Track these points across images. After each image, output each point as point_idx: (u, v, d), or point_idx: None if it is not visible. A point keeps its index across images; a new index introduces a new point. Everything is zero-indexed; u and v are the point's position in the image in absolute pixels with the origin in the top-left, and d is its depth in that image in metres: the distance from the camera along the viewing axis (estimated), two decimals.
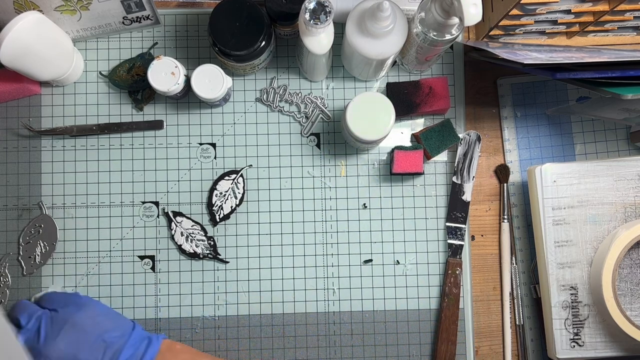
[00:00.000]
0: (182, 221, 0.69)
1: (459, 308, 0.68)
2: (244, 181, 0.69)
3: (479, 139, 0.70)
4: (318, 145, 0.70)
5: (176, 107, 0.70)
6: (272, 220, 0.69)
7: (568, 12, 0.64)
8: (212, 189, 0.69)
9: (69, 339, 0.57)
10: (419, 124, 0.71)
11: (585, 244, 0.64)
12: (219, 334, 0.68)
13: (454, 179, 0.70)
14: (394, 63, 0.70)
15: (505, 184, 0.70)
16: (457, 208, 0.70)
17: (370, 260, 0.69)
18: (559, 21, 0.65)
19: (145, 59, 0.70)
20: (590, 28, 0.68)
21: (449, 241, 0.69)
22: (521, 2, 0.59)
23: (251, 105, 0.71)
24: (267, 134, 0.70)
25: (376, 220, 0.70)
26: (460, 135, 0.70)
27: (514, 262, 0.70)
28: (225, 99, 0.68)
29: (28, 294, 0.68)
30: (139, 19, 0.68)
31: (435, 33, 0.58)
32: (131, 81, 0.69)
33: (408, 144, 0.71)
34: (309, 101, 0.70)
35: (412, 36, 0.61)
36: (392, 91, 0.69)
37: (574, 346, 0.63)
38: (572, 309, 0.63)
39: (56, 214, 0.69)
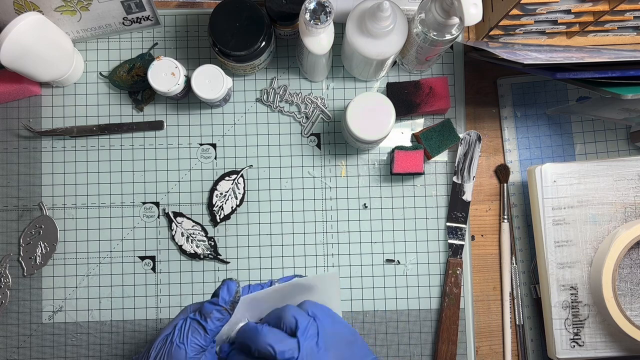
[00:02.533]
0: (182, 222, 0.69)
1: (459, 308, 0.68)
2: (244, 181, 0.69)
3: (479, 138, 0.70)
4: (318, 146, 0.70)
5: (176, 108, 0.70)
6: (272, 220, 0.69)
7: (568, 12, 0.64)
8: (213, 189, 0.69)
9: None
10: (419, 124, 0.71)
11: (585, 244, 0.64)
12: None
13: (455, 178, 0.70)
14: (394, 63, 0.70)
15: (505, 184, 0.71)
16: (457, 208, 0.70)
17: (392, 260, 0.69)
18: (559, 21, 0.65)
19: (145, 60, 0.70)
20: (590, 28, 0.68)
21: (450, 241, 0.69)
22: (521, 2, 0.59)
23: (251, 105, 0.71)
24: (268, 134, 0.70)
25: (376, 220, 0.70)
26: (461, 135, 0.70)
27: (514, 262, 0.70)
28: (225, 100, 0.68)
29: (29, 295, 0.68)
30: (139, 20, 0.68)
31: (435, 33, 0.58)
32: (131, 82, 0.69)
33: (408, 144, 0.71)
34: (309, 101, 0.70)
35: (412, 36, 0.61)
36: (392, 91, 0.69)
37: (574, 346, 0.63)
38: (572, 309, 0.63)
39: (57, 215, 0.69)
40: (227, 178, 0.69)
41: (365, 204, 0.70)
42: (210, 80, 0.64)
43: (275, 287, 0.52)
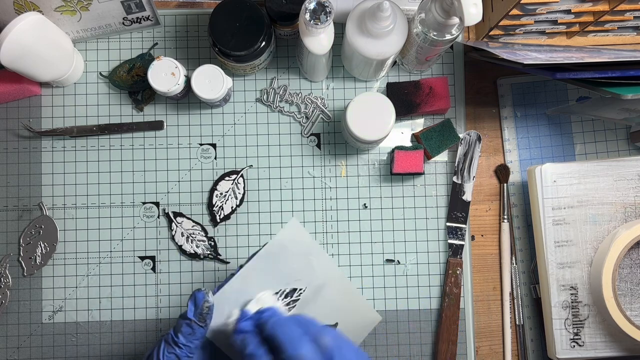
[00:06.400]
0: (182, 222, 0.69)
1: (459, 308, 0.68)
2: (244, 181, 0.69)
3: (479, 138, 0.70)
4: (318, 146, 0.70)
5: (176, 108, 0.70)
6: (272, 220, 0.69)
7: (568, 12, 0.64)
8: (213, 189, 0.69)
9: None
10: (419, 124, 0.71)
11: (585, 244, 0.64)
12: None
13: (455, 178, 0.70)
14: (394, 63, 0.70)
15: (505, 184, 0.71)
16: (457, 208, 0.70)
17: (392, 260, 0.69)
18: (559, 21, 0.65)
19: (145, 60, 0.70)
20: (590, 28, 0.68)
21: (450, 241, 0.69)
22: (521, 2, 0.59)
23: (251, 105, 0.71)
24: (268, 134, 0.70)
25: (376, 220, 0.70)
26: (461, 135, 0.70)
27: (514, 262, 0.70)
28: (225, 100, 0.68)
29: (29, 295, 0.68)
30: (139, 20, 0.68)
31: (435, 33, 0.58)
32: (131, 82, 0.69)
33: (408, 144, 0.71)
34: (309, 101, 0.70)
35: (412, 36, 0.61)
36: (392, 91, 0.69)
37: (574, 346, 0.63)
38: (572, 309, 0.64)
39: (56, 215, 0.69)
40: (227, 178, 0.69)
41: (365, 204, 0.70)
42: (210, 80, 0.64)
43: (244, 268, 0.52)
